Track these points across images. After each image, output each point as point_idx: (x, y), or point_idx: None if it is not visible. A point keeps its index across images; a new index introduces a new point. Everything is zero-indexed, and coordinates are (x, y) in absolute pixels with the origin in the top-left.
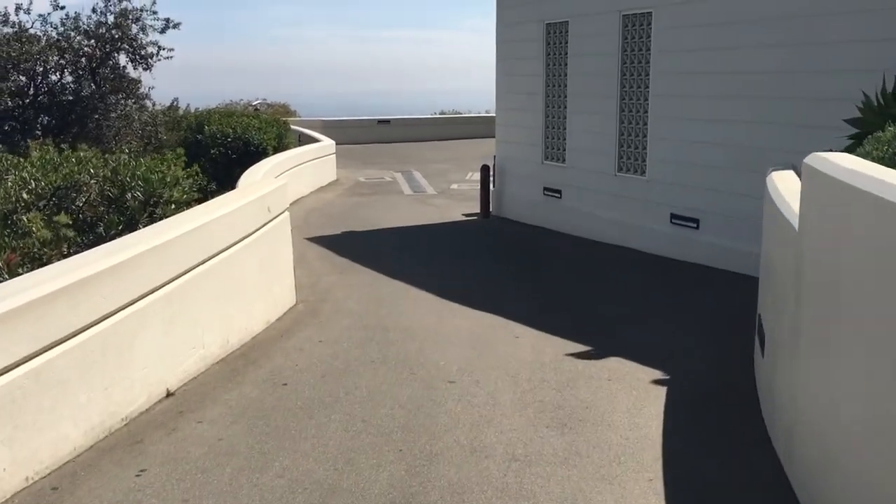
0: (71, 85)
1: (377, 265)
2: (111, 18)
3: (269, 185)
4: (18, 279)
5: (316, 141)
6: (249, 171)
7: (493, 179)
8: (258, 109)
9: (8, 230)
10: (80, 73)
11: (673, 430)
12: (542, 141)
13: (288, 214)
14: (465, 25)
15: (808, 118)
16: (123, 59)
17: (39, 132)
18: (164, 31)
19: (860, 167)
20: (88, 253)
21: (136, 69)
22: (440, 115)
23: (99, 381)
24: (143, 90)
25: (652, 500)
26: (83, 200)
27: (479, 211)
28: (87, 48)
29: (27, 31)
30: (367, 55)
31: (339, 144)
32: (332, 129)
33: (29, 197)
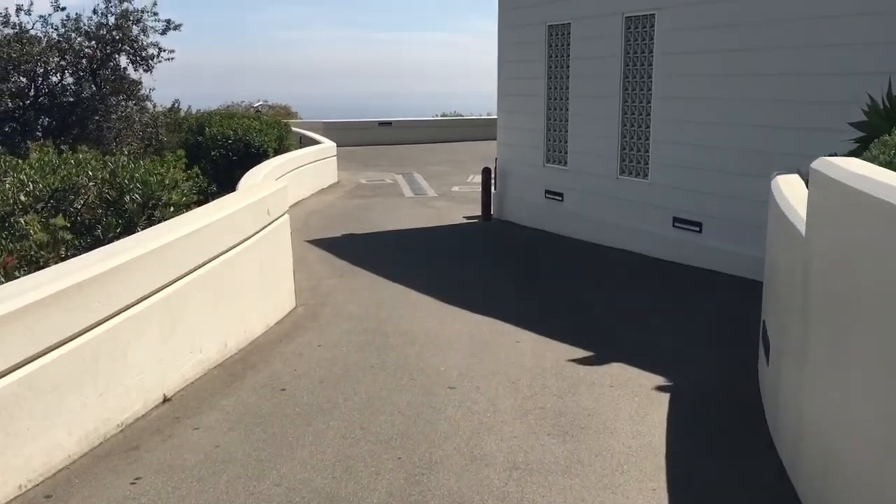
0: (71, 86)
1: (378, 268)
2: (112, 20)
3: (268, 187)
4: (12, 283)
5: (317, 143)
6: (250, 173)
7: (494, 182)
8: (259, 111)
9: (5, 233)
10: (80, 74)
11: (676, 437)
12: (543, 144)
13: (288, 217)
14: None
15: (811, 121)
16: (124, 60)
17: (40, 134)
18: (164, 32)
19: (869, 172)
20: (84, 257)
21: (136, 70)
22: (441, 117)
23: (94, 387)
24: (143, 91)
25: None
26: (81, 203)
27: (480, 214)
28: (87, 49)
29: (28, 32)
30: (369, 57)
31: (340, 146)
32: (333, 130)
33: (27, 199)
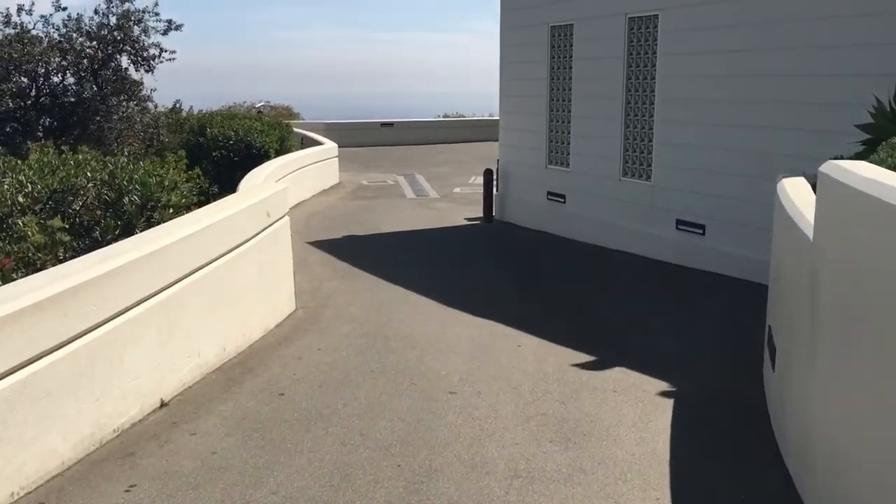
0: (73, 86)
1: (379, 270)
2: (113, 20)
3: (268, 189)
4: (7, 287)
5: (318, 144)
6: (251, 174)
7: (496, 183)
8: (261, 112)
9: (3, 234)
10: (81, 74)
11: (680, 444)
12: (545, 145)
13: (288, 219)
14: (469, 28)
15: (816, 123)
16: (125, 60)
17: (41, 134)
18: (166, 32)
19: (879, 176)
20: (80, 260)
21: (137, 71)
22: (444, 118)
23: (89, 391)
24: (144, 92)
25: None
26: (80, 204)
27: (481, 215)
28: (88, 49)
29: (29, 32)
30: (370, 57)
31: (342, 147)
32: (335, 131)
33: (25, 200)
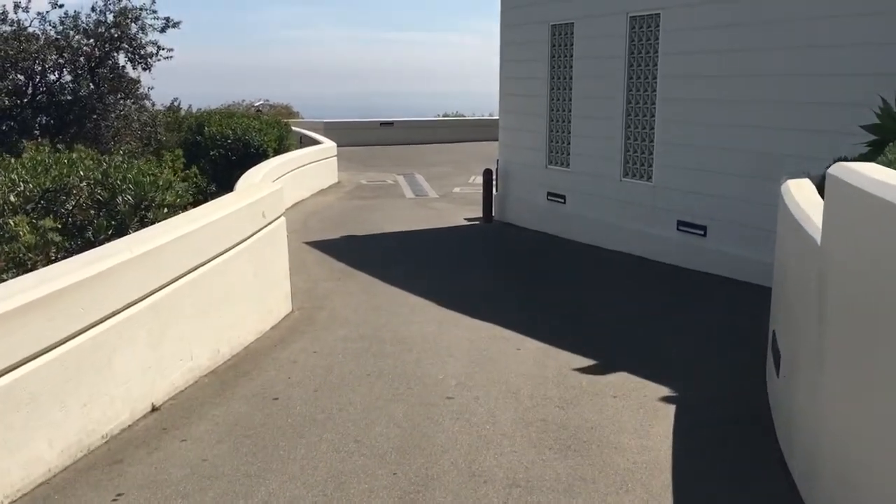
0: (69, 84)
1: (376, 271)
2: (110, 17)
3: (264, 189)
4: None
5: (317, 143)
6: (248, 173)
7: (495, 183)
8: (260, 110)
9: None
10: (78, 72)
11: (683, 452)
12: (545, 145)
13: (284, 220)
14: (469, 28)
15: (817, 123)
16: (123, 58)
17: (38, 132)
18: (163, 30)
19: (889, 178)
20: (68, 261)
21: (135, 69)
22: (443, 117)
23: (76, 396)
24: (142, 90)
25: None
26: (73, 204)
27: (481, 215)
28: (85, 47)
29: (26, 29)
30: (370, 56)
31: (341, 146)
32: (334, 130)
33: (17, 200)
